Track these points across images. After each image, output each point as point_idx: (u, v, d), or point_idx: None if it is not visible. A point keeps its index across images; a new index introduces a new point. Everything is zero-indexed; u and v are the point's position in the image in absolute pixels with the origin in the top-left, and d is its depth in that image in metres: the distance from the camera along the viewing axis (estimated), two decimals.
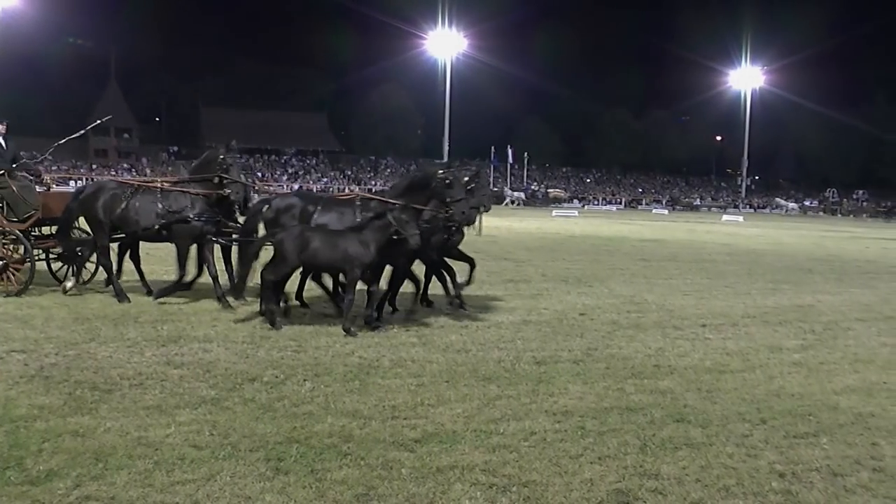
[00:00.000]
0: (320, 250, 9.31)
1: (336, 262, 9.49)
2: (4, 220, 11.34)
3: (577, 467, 5.28)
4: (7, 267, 11.19)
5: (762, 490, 5.11)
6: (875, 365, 9.10)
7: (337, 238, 9.51)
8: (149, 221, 11.02)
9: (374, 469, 5.09)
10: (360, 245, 9.35)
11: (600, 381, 7.60)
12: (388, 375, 7.42)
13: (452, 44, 74.74)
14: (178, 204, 11.05)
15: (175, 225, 10.97)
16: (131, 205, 11.07)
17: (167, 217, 10.97)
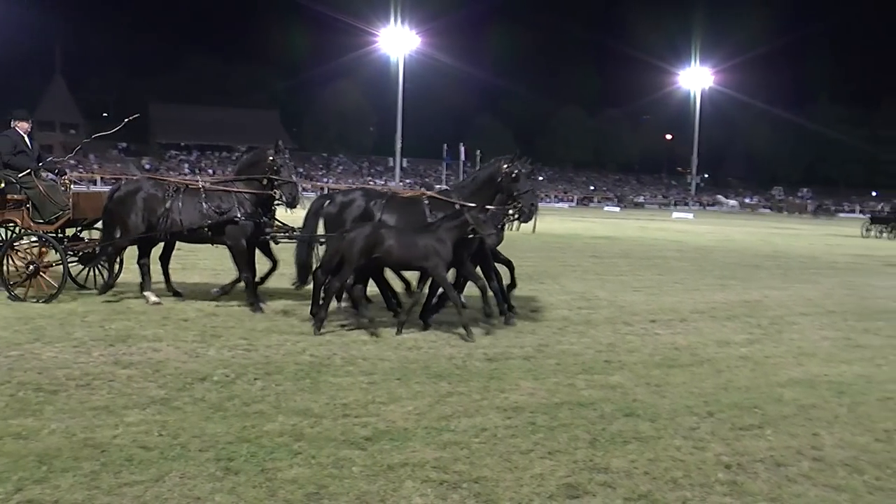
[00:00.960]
0: (395, 248, 9.22)
1: (411, 261, 9.47)
2: (31, 222, 11.01)
3: (527, 462, 5.32)
4: (38, 271, 10.67)
5: (709, 481, 5.21)
6: (817, 358, 9.33)
7: (413, 236, 9.44)
8: (194, 222, 10.73)
9: (325, 468, 5.07)
10: (438, 243, 9.29)
11: (551, 376, 7.66)
12: (339, 373, 7.40)
13: (405, 41, 74.55)
14: (226, 204, 10.79)
15: (226, 226, 10.71)
16: (174, 205, 10.77)
17: (214, 218, 10.72)
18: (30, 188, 10.96)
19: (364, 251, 9.11)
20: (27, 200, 10.97)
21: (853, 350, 9.96)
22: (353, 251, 9.11)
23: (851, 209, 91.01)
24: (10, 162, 10.98)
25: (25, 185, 10.94)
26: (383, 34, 75.65)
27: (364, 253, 9.11)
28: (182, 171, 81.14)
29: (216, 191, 10.94)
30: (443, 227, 9.42)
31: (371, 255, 9.19)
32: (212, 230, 10.74)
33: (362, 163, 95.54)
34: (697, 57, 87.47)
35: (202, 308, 10.28)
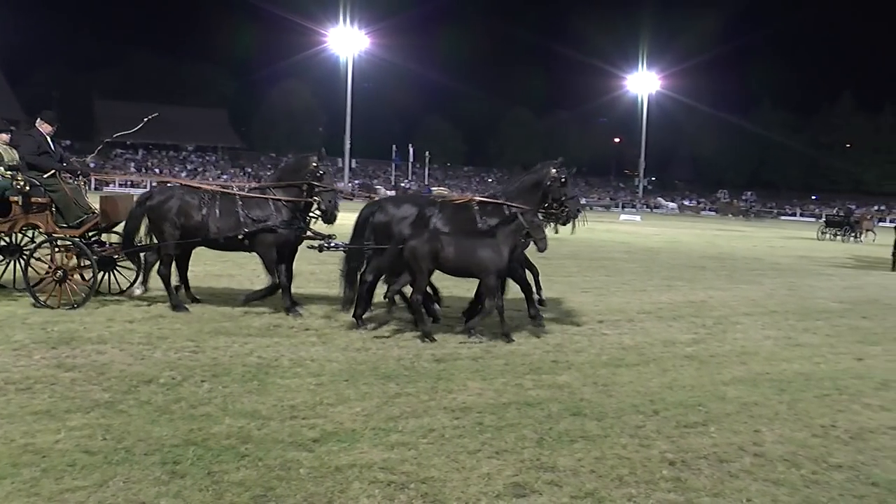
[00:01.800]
0: (455, 255, 9.26)
1: (470, 268, 9.45)
2: (55, 226, 10.65)
3: (474, 462, 5.36)
4: (66, 277, 10.35)
5: (654, 478, 5.31)
6: (760, 357, 9.56)
7: (471, 243, 9.47)
8: (232, 230, 10.56)
9: (272, 470, 5.05)
10: (494, 250, 9.34)
11: (499, 377, 7.72)
12: (287, 375, 7.36)
13: (354, 41, 74.19)
14: (263, 211, 10.67)
15: (260, 234, 10.56)
16: (211, 212, 10.58)
17: (251, 225, 10.56)
18: (54, 191, 10.63)
19: (426, 259, 9.18)
20: (51, 203, 10.63)
21: (793, 349, 10.23)
22: (417, 259, 9.19)
23: (793, 212, 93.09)
24: (34, 163, 10.67)
25: (50, 188, 10.60)
26: (332, 34, 75.18)
27: (427, 261, 9.20)
28: (128, 169, 79.84)
29: (253, 198, 10.86)
30: (499, 233, 9.52)
31: (433, 263, 9.28)
32: (248, 238, 10.59)
33: None
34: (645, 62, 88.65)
35: (148, 310, 10.14)
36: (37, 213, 10.61)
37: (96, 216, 10.98)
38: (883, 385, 8.49)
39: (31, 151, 10.69)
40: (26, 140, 10.87)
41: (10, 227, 10.76)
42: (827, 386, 8.27)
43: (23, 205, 10.53)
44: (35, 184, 10.48)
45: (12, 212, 10.61)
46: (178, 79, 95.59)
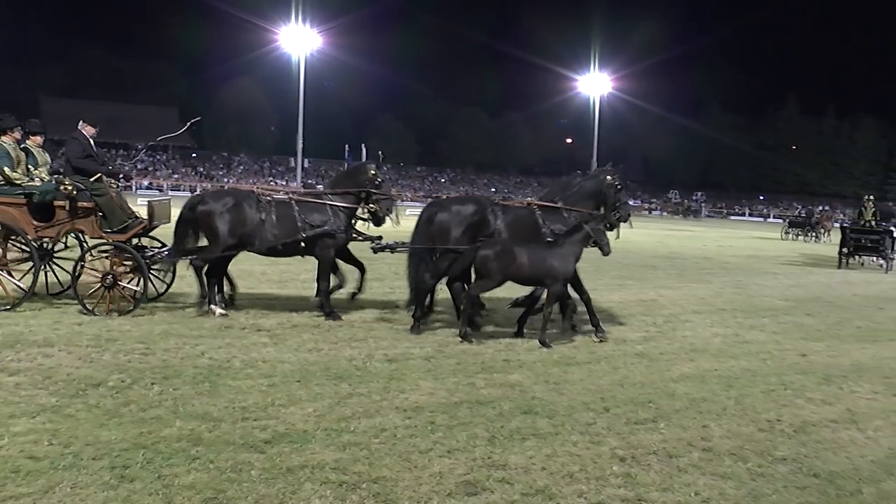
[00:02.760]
0: (527, 265, 9.35)
1: (540, 276, 9.54)
2: (100, 231, 10.41)
3: (426, 461, 5.39)
4: (116, 283, 10.14)
5: (604, 474, 5.39)
6: (708, 354, 9.74)
7: (542, 252, 9.59)
8: (290, 235, 10.56)
9: (223, 472, 5.02)
10: (563, 259, 9.50)
11: (451, 376, 7.77)
12: (239, 376, 7.31)
13: (306, 40, 73.45)
14: (320, 217, 10.70)
15: (319, 238, 10.64)
16: (268, 218, 10.55)
17: (308, 230, 10.58)
18: (100, 195, 10.38)
19: (500, 268, 9.29)
20: (97, 208, 10.38)
21: (741, 346, 10.44)
22: (489, 268, 9.32)
23: (742, 212, 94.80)
24: (80, 166, 10.45)
25: (95, 192, 10.36)
26: (284, 32, 74.39)
27: (500, 270, 9.30)
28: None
29: (308, 202, 10.88)
30: (568, 242, 9.69)
31: (506, 272, 9.36)
32: (306, 243, 10.65)
33: (263, 162, 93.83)
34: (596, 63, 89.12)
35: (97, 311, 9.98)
36: (82, 218, 10.38)
37: (143, 221, 10.82)
38: (825, 380, 8.72)
39: (76, 155, 10.49)
40: (72, 143, 10.64)
41: (56, 233, 10.49)
42: (773, 381, 8.48)
43: (70, 210, 10.28)
44: (81, 188, 10.25)
45: (56, 216, 10.36)
46: (127, 76, 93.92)
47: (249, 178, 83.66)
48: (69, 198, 10.17)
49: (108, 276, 10.06)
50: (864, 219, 25.33)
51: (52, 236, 10.51)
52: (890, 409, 7.73)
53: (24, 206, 10.20)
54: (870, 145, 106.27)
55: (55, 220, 10.31)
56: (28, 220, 10.20)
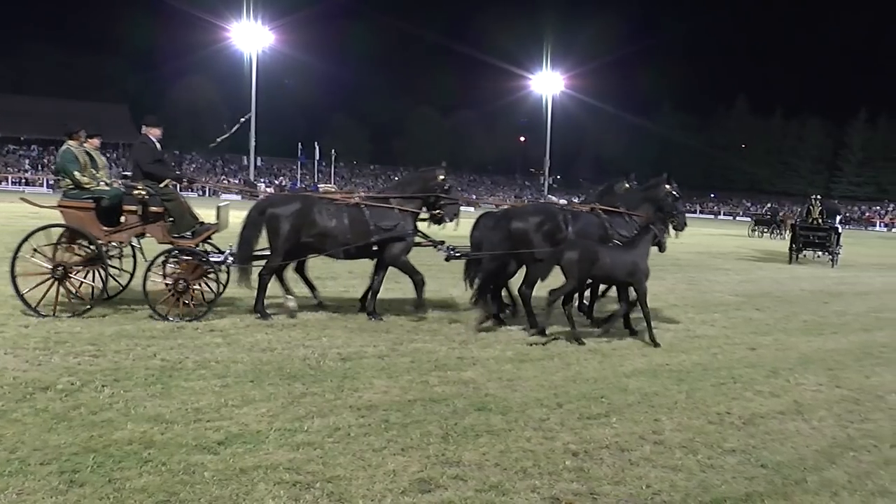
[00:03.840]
0: (610, 264, 9.85)
1: (624, 275, 10.02)
2: (169, 236, 10.36)
3: (380, 460, 5.39)
4: (189, 287, 10.08)
5: (557, 469, 5.44)
6: (660, 349, 9.88)
7: (622, 252, 10.14)
8: (362, 238, 10.73)
9: (175, 474, 4.96)
10: (642, 257, 10.10)
11: (405, 374, 7.78)
12: (191, 377, 7.22)
13: (258, 37, 72.76)
14: (390, 220, 10.91)
15: (391, 242, 10.90)
16: (340, 221, 10.64)
17: (380, 234, 10.78)
18: (169, 199, 10.36)
19: (584, 268, 9.74)
20: (166, 213, 10.31)
21: (692, 340, 10.62)
22: (574, 269, 9.71)
23: (693, 209, 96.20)
24: (151, 171, 10.36)
25: (165, 197, 10.32)
26: (236, 29, 73.57)
27: (584, 270, 9.77)
28: (22, 167, 76.67)
29: (377, 207, 11.00)
30: (641, 242, 10.24)
31: (589, 273, 9.88)
32: (378, 246, 10.87)
33: (216, 160, 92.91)
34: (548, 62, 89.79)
35: (45, 312, 9.78)
36: (152, 223, 10.32)
37: (213, 226, 10.73)
38: (773, 373, 8.92)
39: (147, 160, 10.41)
40: (142, 148, 10.56)
41: (126, 237, 10.46)
42: (723, 375, 8.64)
43: (142, 214, 10.23)
44: (152, 193, 10.21)
45: (126, 221, 10.31)
46: (75, 72, 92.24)
47: (202, 175, 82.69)
48: (141, 202, 10.16)
49: (181, 281, 10.05)
50: (812, 216, 26.39)
51: (121, 241, 10.51)
52: (833, 400, 7.94)
53: (92, 211, 10.11)
54: (816, 145, 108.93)
55: (125, 224, 10.31)
56: (97, 225, 10.13)
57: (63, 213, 10.12)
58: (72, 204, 10.08)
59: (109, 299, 10.73)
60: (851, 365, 9.72)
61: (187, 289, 10.06)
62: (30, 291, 9.70)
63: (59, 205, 10.15)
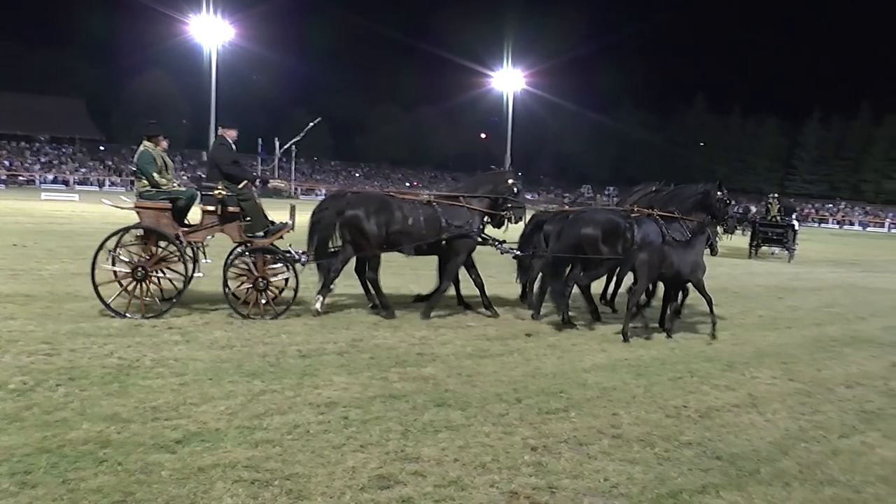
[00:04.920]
0: (676, 263, 10.48)
1: (687, 274, 10.65)
2: (245, 235, 10.53)
3: (339, 457, 5.39)
4: (268, 286, 10.35)
5: (516, 464, 5.48)
6: (619, 344, 10.01)
7: (684, 252, 10.70)
8: (435, 235, 11.10)
9: (132, 474, 4.91)
10: (699, 256, 10.80)
11: (365, 371, 7.77)
12: (149, 376, 7.15)
13: (218, 31, 71.79)
14: (461, 218, 11.28)
15: (458, 240, 11.27)
16: (416, 218, 11.00)
17: (452, 231, 11.13)
18: (245, 200, 10.49)
19: (655, 268, 10.36)
20: (242, 213, 10.46)
21: (650, 335, 10.70)
22: (646, 269, 10.31)
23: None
24: (230, 172, 10.50)
25: (241, 197, 10.45)
26: (195, 23, 72.51)
27: (655, 270, 10.39)
28: None
29: (448, 205, 11.40)
30: (697, 242, 10.90)
31: (659, 272, 10.47)
32: (448, 243, 11.23)
33: (175, 156, 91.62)
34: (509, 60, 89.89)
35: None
36: (230, 222, 10.48)
37: (286, 225, 10.84)
38: (728, 367, 9.07)
39: (226, 161, 10.53)
40: (221, 149, 10.67)
41: (203, 237, 10.64)
42: (680, 369, 8.76)
43: (221, 214, 10.38)
44: (230, 193, 10.35)
45: (203, 221, 10.49)
46: (30, 65, 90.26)
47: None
48: (220, 202, 10.30)
49: (260, 280, 10.27)
50: (771, 214, 27.31)
51: (198, 241, 10.67)
52: (787, 392, 8.11)
53: (169, 211, 10.27)
54: (772, 143, 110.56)
55: (202, 224, 10.50)
56: (173, 225, 10.29)
57: (140, 214, 10.28)
58: (149, 205, 10.24)
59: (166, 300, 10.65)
60: (804, 358, 9.92)
61: (267, 287, 10.33)
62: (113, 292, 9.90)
63: (136, 206, 10.30)
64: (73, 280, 12.40)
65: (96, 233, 21.09)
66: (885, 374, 9.36)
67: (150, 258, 10.14)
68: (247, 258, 10.43)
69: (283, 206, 13.39)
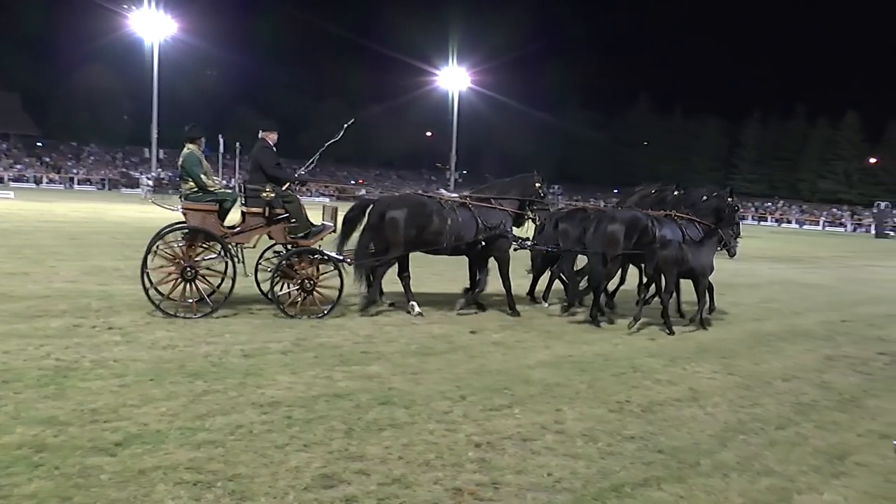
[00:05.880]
0: (691, 261, 11.20)
1: (699, 272, 11.41)
2: (289, 237, 10.76)
3: (283, 456, 5.34)
4: (315, 287, 10.52)
5: (460, 461, 5.49)
6: (563, 340, 10.09)
7: (698, 251, 11.43)
8: (472, 236, 11.59)
9: (70, 478, 4.79)
10: (709, 255, 11.61)
11: (309, 370, 7.72)
12: (88, 377, 6.99)
13: (160, 25, 70.47)
14: (496, 220, 11.81)
15: (497, 239, 11.81)
16: (454, 220, 11.41)
17: (489, 232, 11.64)
18: (290, 202, 10.74)
19: (676, 265, 11.10)
20: (287, 215, 10.68)
21: (595, 332, 10.90)
22: (669, 266, 11.09)
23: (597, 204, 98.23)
24: (275, 174, 10.77)
25: (286, 199, 10.71)
26: (136, 17, 71.00)
27: (676, 267, 11.13)
28: None
29: (484, 207, 11.95)
30: (709, 243, 11.73)
31: (681, 269, 11.22)
32: (487, 243, 11.76)
33: (116, 153, 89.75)
34: (455, 58, 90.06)
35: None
36: (275, 224, 10.71)
37: (329, 226, 11.25)
38: (671, 362, 9.22)
39: (271, 164, 10.75)
40: (265, 152, 10.86)
41: (247, 238, 10.77)
42: (623, 365, 8.88)
43: (267, 216, 10.59)
44: (274, 196, 10.58)
45: (247, 223, 10.70)
46: None
47: (101, 168, 79.93)
48: (268, 204, 10.52)
49: (308, 281, 10.47)
50: None
51: (243, 242, 10.78)
52: (727, 386, 8.27)
53: (214, 213, 10.46)
54: (713, 143, 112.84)
55: (249, 225, 10.70)
56: (219, 226, 10.50)
57: (187, 215, 10.44)
58: (196, 206, 10.41)
59: None
60: (743, 353, 10.15)
61: (313, 288, 10.51)
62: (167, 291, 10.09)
63: (184, 207, 10.46)
64: (7, 280, 12.09)
65: (34, 231, 20.75)
66: (819, 367, 9.63)
67: (196, 258, 10.38)
68: (294, 260, 10.62)
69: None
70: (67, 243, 18.16)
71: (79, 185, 72.06)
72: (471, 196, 12.19)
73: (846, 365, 9.91)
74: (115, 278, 13.06)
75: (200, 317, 9.87)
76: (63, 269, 13.72)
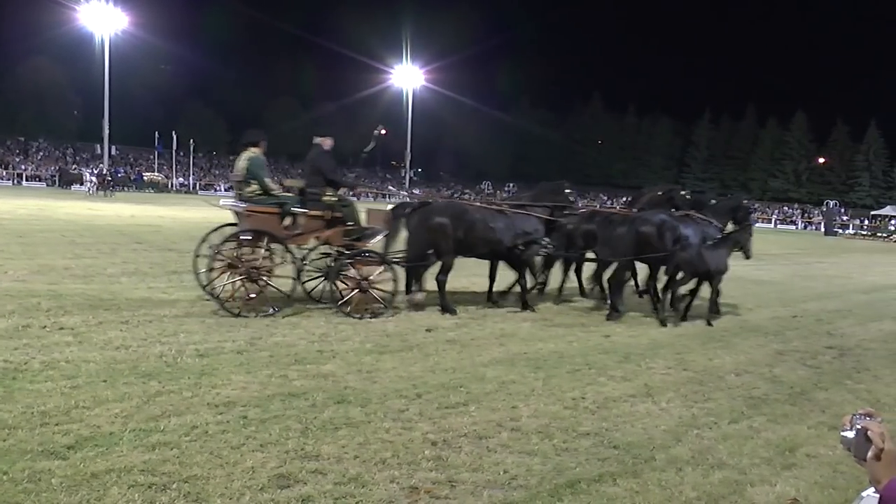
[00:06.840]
0: (707, 262, 11.86)
1: (714, 272, 12.07)
2: (344, 240, 11.20)
3: (238, 457, 5.29)
4: (370, 286, 10.95)
5: (416, 459, 5.50)
6: (518, 338, 10.15)
7: (714, 252, 12.04)
8: (510, 241, 12.12)
9: (18, 483, 4.68)
10: (723, 257, 12.24)
11: (264, 369, 7.66)
12: (38, 379, 6.84)
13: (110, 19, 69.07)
14: (531, 226, 12.41)
15: (532, 244, 12.34)
16: (495, 225, 11.99)
17: (525, 238, 12.21)
18: (346, 205, 11.29)
19: (696, 267, 11.89)
20: (342, 218, 11.17)
21: (549, 329, 10.96)
22: (689, 267, 11.92)
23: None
24: (334, 179, 11.32)
25: (343, 203, 11.27)
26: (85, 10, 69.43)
27: (696, 268, 11.94)
28: None
29: (518, 213, 12.54)
30: (724, 244, 12.37)
31: (698, 271, 12.00)
32: (524, 247, 12.27)
33: (66, 149, 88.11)
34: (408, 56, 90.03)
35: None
36: (330, 227, 11.19)
37: (382, 230, 11.68)
38: (625, 358, 9.33)
39: (331, 168, 11.33)
40: (324, 157, 11.43)
41: (307, 241, 11.35)
42: (578, 362, 8.96)
43: (328, 220, 11.13)
44: (332, 200, 11.13)
45: (307, 226, 11.07)
46: None
47: (50, 164, 78.31)
48: (329, 208, 11.08)
49: (364, 281, 10.91)
50: None
51: (303, 244, 11.34)
52: (680, 382, 8.40)
53: (276, 216, 10.85)
54: (666, 143, 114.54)
55: (309, 227, 11.11)
56: (281, 229, 10.86)
57: (250, 218, 10.79)
58: (260, 209, 10.79)
59: None
60: (697, 349, 10.31)
61: (369, 288, 10.94)
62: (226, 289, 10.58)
63: (248, 210, 10.79)
64: None
65: None
66: (770, 362, 9.82)
67: (261, 260, 10.67)
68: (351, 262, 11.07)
69: None
70: (14, 241, 17.79)
71: (27, 182, 70.58)
72: (509, 203, 12.99)
73: (796, 359, 10.13)
74: (64, 277, 12.81)
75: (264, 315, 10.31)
76: (10, 267, 13.41)
